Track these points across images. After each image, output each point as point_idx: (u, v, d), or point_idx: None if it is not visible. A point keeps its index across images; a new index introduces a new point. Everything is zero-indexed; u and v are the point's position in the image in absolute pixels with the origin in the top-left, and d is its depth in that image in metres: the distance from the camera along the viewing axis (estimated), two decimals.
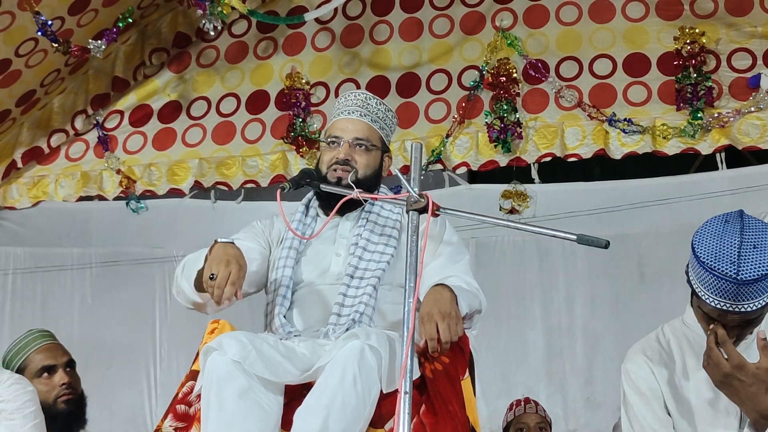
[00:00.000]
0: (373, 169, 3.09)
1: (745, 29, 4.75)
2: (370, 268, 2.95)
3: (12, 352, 3.58)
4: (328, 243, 3.07)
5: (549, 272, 5.02)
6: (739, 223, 2.46)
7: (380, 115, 3.15)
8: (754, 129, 4.60)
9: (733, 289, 2.38)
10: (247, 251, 2.95)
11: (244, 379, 2.62)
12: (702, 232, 2.47)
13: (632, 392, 2.67)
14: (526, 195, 4.97)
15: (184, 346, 5.04)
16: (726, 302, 2.40)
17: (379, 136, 3.14)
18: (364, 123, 3.12)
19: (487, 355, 4.80)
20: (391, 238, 3.02)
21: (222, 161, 5.37)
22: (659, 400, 2.64)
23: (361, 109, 3.13)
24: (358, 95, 3.19)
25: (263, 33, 5.53)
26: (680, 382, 2.64)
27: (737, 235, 2.41)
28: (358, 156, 3.06)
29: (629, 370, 2.69)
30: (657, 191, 4.88)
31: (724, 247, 2.40)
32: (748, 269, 2.36)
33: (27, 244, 5.60)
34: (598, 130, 4.82)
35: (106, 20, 5.09)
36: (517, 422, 4.34)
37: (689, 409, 2.61)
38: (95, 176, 5.53)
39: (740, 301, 2.39)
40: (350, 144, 3.07)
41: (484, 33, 5.14)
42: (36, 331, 3.66)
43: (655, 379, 2.64)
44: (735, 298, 2.39)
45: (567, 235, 2.57)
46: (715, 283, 2.39)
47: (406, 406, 2.39)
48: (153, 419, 5.21)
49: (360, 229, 3.05)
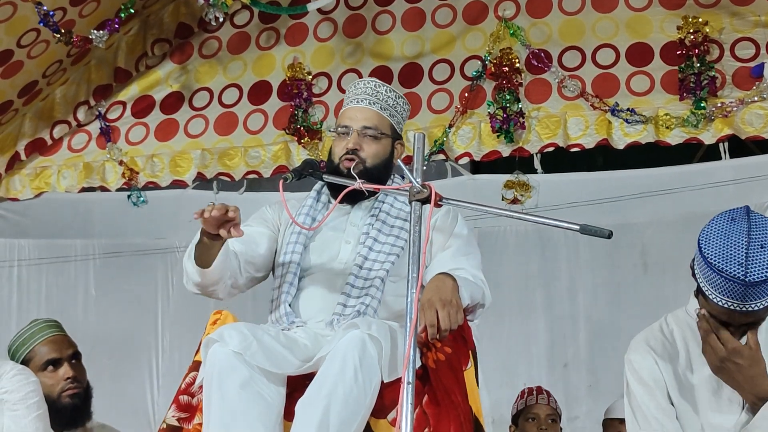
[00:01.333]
0: (383, 158, 3.07)
1: (749, 18, 4.73)
2: (379, 260, 2.95)
3: (17, 343, 3.54)
4: (338, 230, 3.07)
5: (552, 262, 5.03)
6: (746, 221, 2.44)
7: (390, 102, 3.12)
8: (758, 118, 4.59)
9: (740, 291, 2.37)
10: (255, 234, 3.00)
11: (246, 371, 2.62)
12: (708, 231, 2.45)
13: (635, 382, 2.67)
14: (529, 185, 4.96)
15: (187, 337, 5.05)
16: (734, 302, 2.40)
17: (389, 123, 3.11)
18: (373, 111, 3.09)
19: (490, 345, 4.79)
20: (402, 230, 3.00)
21: (224, 152, 5.37)
22: (662, 390, 2.64)
23: (370, 97, 3.10)
24: (368, 83, 3.14)
25: (265, 23, 5.52)
26: (684, 371, 2.64)
27: (744, 236, 2.40)
28: (366, 145, 3.04)
29: (632, 360, 2.69)
30: (660, 181, 4.88)
31: (731, 247, 2.39)
32: (756, 271, 2.35)
33: (30, 236, 5.61)
34: (601, 120, 4.81)
35: (108, 10, 5.08)
36: (528, 411, 4.34)
37: (693, 398, 2.61)
38: (98, 167, 5.53)
39: (748, 301, 2.39)
40: (359, 133, 3.05)
41: (487, 23, 5.12)
42: (41, 322, 3.61)
43: (659, 369, 2.64)
44: (743, 298, 2.39)
45: (570, 226, 2.56)
46: (722, 284, 2.39)
47: (408, 396, 2.39)
48: (155, 409, 5.23)
49: (372, 219, 3.04)
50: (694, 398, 2.61)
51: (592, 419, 4.73)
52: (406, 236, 2.96)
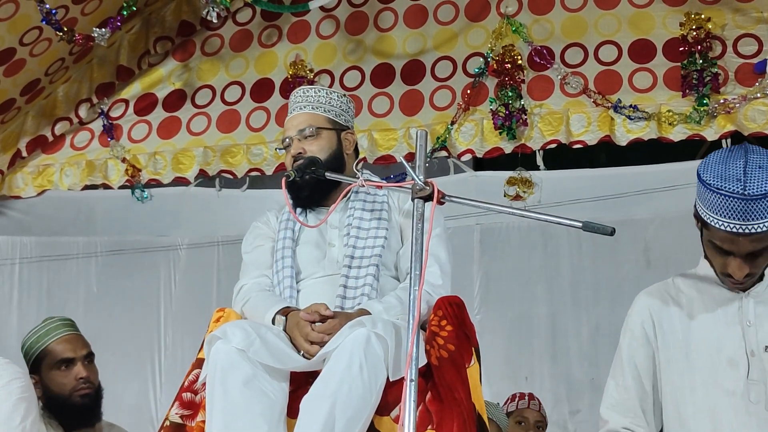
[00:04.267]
0: (330, 150, 3.07)
1: (752, 14, 4.73)
2: (367, 253, 2.94)
3: (32, 339, 3.51)
4: (319, 235, 3.07)
5: (554, 257, 5.03)
6: (743, 148, 2.51)
7: (321, 99, 3.13)
8: (760, 115, 4.59)
9: (741, 207, 2.39)
10: (270, 256, 3.06)
11: (249, 368, 2.62)
12: (706, 161, 2.50)
13: (624, 330, 2.69)
14: (532, 182, 4.97)
15: (189, 334, 5.06)
16: (735, 223, 2.41)
17: (325, 117, 3.11)
18: (304, 113, 3.11)
19: (492, 339, 4.81)
20: (381, 220, 3.01)
21: (227, 149, 5.37)
22: (646, 348, 2.64)
23: (300, 104, 3.13)
24: (296, 93, 3.18)
25: (268, 21, 5.53)
26: (684, 329, 2.61)
27: (742, 158, 2.45)
28: (307, 146, 3.05)
29: (629, 314, 2.71)
30: (663, 177, 4.87)
31: (729, 168, 2.43)
32: (754, 185, 2.38)
33: (33, 233, 5.62)
34: (604, 116, 4.81)
35: (110, 8, 5.09)
36: (518, 414, 4.40)
37: (689, 355, 2.59)
38: (100, 165, 5.53)
39: (749, 220, 2.40)
40: (298, 138, 3.07)
41: (489, 19, 5.13)
42: (57, 320, 3.57)
43: (652, 325, 2.64)
44: (744, 216, 2.40)
45: (573, 223, 2.56)
46: (722, 203, 2.40)
47: (411, 394, 2.39)
48: (158, 407, 5.23)
49: (350, 214, 3.04)
50: (691, 355, 2.59)
51: (594, 413, 4.71)
52: (386, 224, 2.99)
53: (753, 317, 2.56)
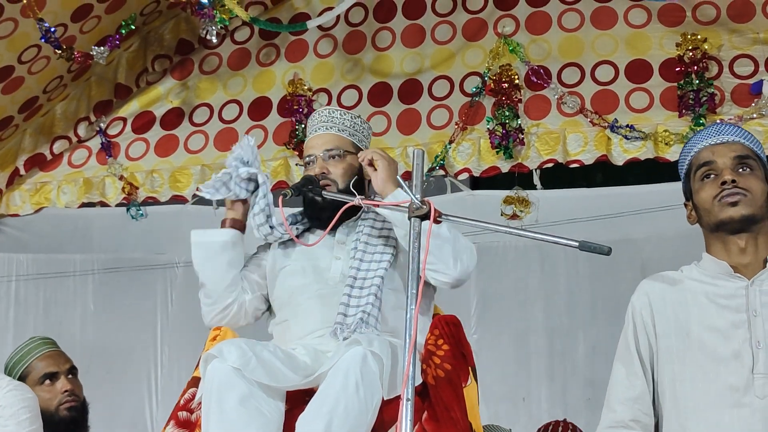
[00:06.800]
0: (353, 174, 3.11)
1: (748, 35, 4.75)
2: (372, 268, 2.95)
3: (14, 359, 3.58)
4: (326, 248, 3.07)
5: (551, 276, 5.03)
6: None
7: (347, 123, 3.17)
8: (757, 135, 4.56)
9: (715, 128, 2.63)
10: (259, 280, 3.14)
11: (245, 386, 2.62)
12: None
13: (627, 319, 2.65)
14: (528, 201, 4.97)
15: (186, 352, 5.04)
16: (710, 138, 2.61)
17: (350, 141, 3.15)
18: (331, 134, 3.14)
19: (489, 358, 4.80)
20: (389, 239, 3.02)
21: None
22: (642, 336, 2.59)
23: (326, 123, 3.16)
24: (321, 112, 3.22)
25: (266, 40, 5.54)
26: (686, 318, 2.53)
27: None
28: (332, 167, 3.09)
29: (631, 301, 2.68)
30: (659, 197, 4.87)
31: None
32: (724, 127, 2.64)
33: (30, 251, 5.61)
34: (600, 136, 4.82)
35: (108, 27, 5.10)
36: None
37: (691, 345, 2.49)
38: (98, 183, 5.53)
39: (723, 135, 2.60)
40: (323, 158, 3.10)
41: (486, 39, 5.14)
42: (38, 339, 3.67)
43: (650, 312, 2.60)
44: (717, 133, 2.61)
45: (569, 242, 2.56)
46: (696, 138, 2.65)
47: (408, 413, 2.38)
48: (154, 425, 5.21)
49: (359, 233, 3.06)
50: (691, 343, 2.49)
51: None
52: (394, 243, 3.00)
53: (759, 307, 2.44)
